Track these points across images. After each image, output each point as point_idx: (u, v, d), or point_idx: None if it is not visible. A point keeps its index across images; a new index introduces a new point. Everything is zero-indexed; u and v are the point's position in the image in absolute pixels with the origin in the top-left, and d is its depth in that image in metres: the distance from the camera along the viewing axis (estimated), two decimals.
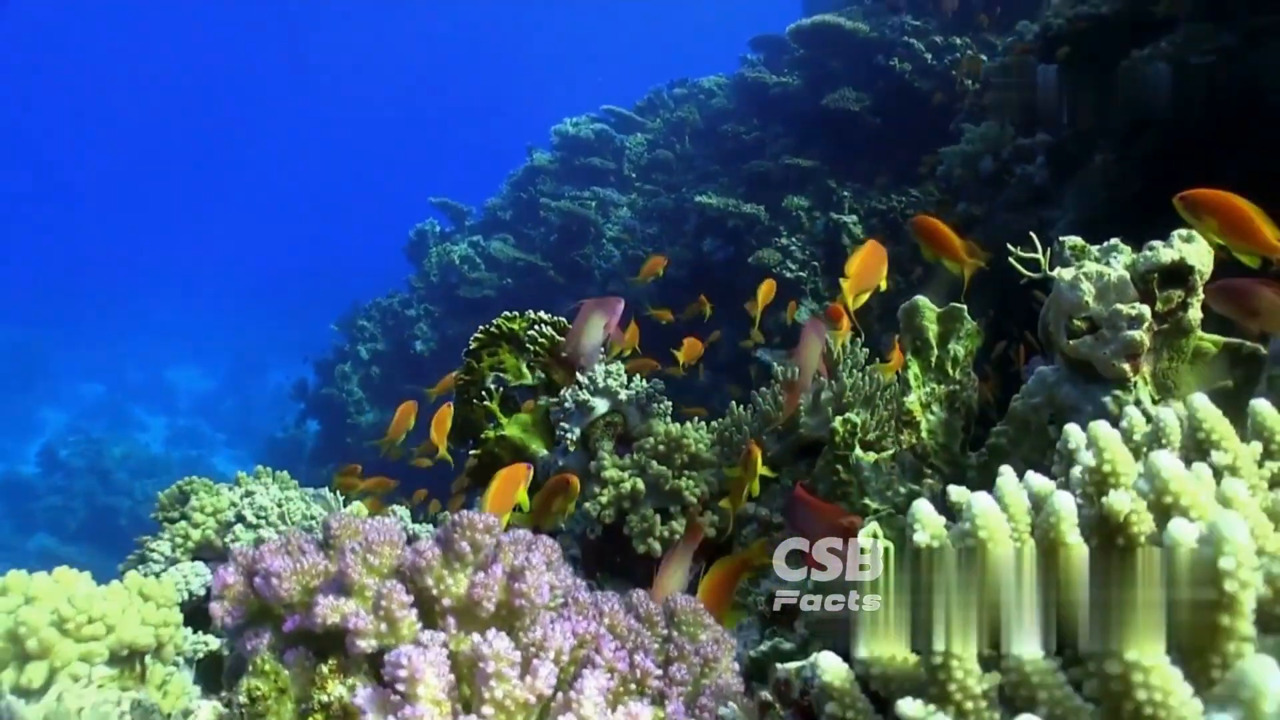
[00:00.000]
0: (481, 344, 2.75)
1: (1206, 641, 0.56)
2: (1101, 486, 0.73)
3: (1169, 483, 0.62)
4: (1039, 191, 5.23)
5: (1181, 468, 0.62)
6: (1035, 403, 1.67)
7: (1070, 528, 0.67)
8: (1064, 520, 0.67)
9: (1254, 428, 0.86)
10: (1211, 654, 0.56)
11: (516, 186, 9.95)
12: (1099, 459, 0.73)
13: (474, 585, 1.09)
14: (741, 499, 2.03)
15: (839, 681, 0.70)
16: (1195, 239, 1.60)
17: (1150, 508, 0.63)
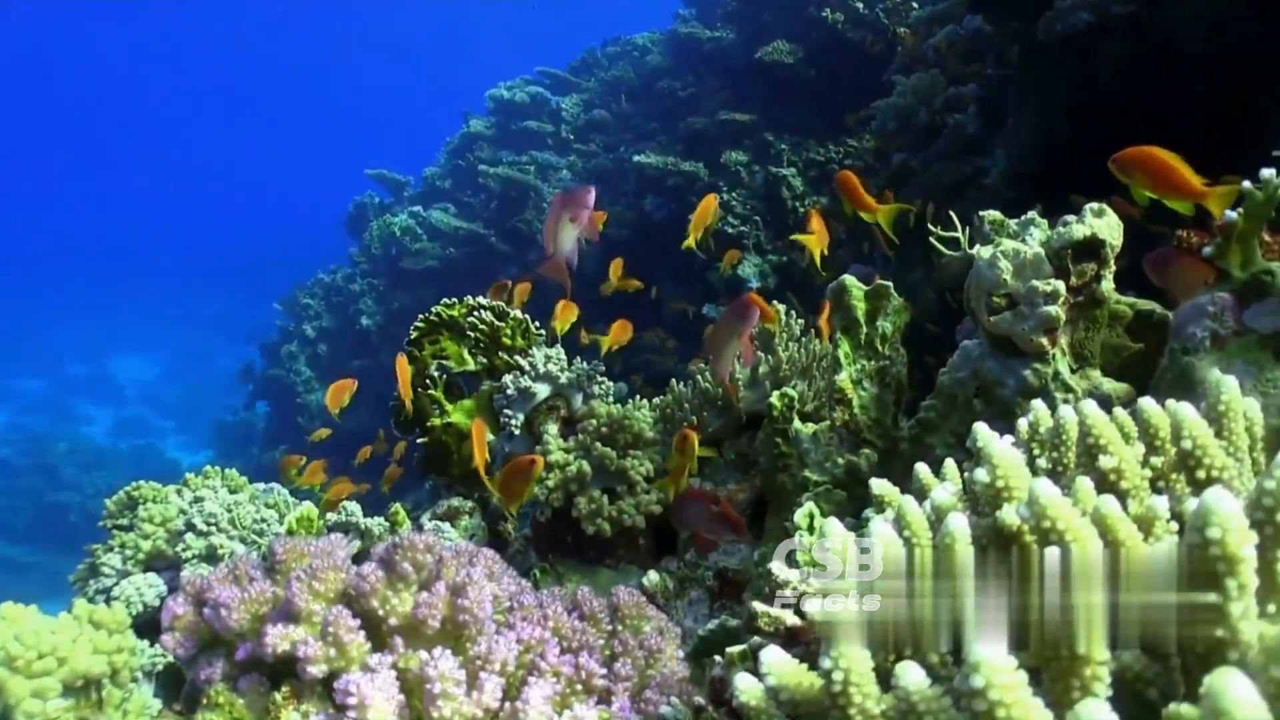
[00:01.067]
0: (422, 332, 2.77)
1: (1068, 667, 0.60)
2: (995, 502, 0.78)
3: (1046, 508, 0.66)
4: (971, 141, 5.29)
5: (1057, 495, 0.66)
6: (960, 377, 1.73)
7: (965, 547, 0.72)
8: (959, 541, 0.72)
9: (1141, 425, 0.91)
10: (1072, 677, 0.60)
11: (454, 154, 9.87)
12: (992, 475, 0.78)
13: (418, 605, 1.12)
14: (682, 482, 2.07)
15: (755, 701, 0.75)
16: (1106, 213, 1.65)
17: (1031, 531, 0.67)
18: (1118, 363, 1.76)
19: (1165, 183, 1.52)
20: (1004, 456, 0.78)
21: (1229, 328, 1.38)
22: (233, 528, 2.20)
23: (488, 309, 2.72)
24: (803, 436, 2.05)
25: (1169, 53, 3.76)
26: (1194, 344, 1.39)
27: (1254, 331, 1.37)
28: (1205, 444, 0.77)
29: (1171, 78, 3.78)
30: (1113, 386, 1.66)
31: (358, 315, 9.36)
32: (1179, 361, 1.39)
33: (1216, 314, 1.39)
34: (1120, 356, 1.78)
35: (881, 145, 6.30)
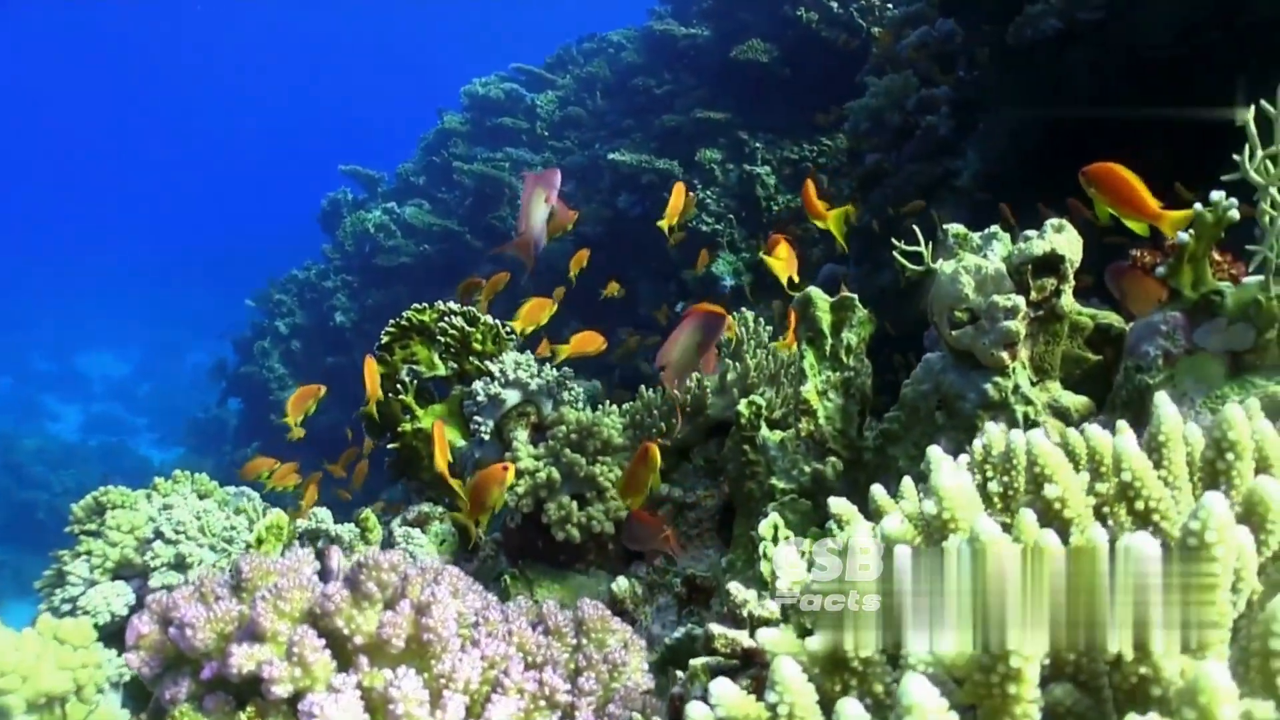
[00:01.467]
0: (393, 337, 2.77)
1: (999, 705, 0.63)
2: (941, 533, 0.80)
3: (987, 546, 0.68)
4: (944, 142, 5.33)
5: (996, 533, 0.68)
6: (923, 389, 1.75)
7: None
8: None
9: (1087, 452, 0.93)
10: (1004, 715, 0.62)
11: (428, 150, 9.84)
12: (938, 508, 0.80)
13: (383, 624, 1.13)
14: (638, 499, 2.09)
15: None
16: (1065, 228, 1.68)
17: None
18: (1078, 374, 1.79)
19: (1125, 202, 1.55)
20: (950, 489, 0.80)
21: (1180, 346, 1.41)
22: (202, 535, 2.20)
23: (459, 314, 2.73)
24: (770, 444, 2.07)
25: (1137, 58, 3.80)
26: (1147, 362, 1.42)
27: (1204, 350, 1.40)
28: (1143, 477, 0.79)
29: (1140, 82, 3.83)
30: (1071, 400, 1.69)
31: (331, 312, 9.33)
32: (1133, 379, 1.42)
33: (1169, 333, 1.42)
34: (1081, 368, 1.81)
35: (854, 145, 6.33)
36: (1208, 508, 0.63)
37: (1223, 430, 0.81)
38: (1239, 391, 1.36)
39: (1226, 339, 1.38)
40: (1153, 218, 1.47)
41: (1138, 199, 1.54)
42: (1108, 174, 1.61)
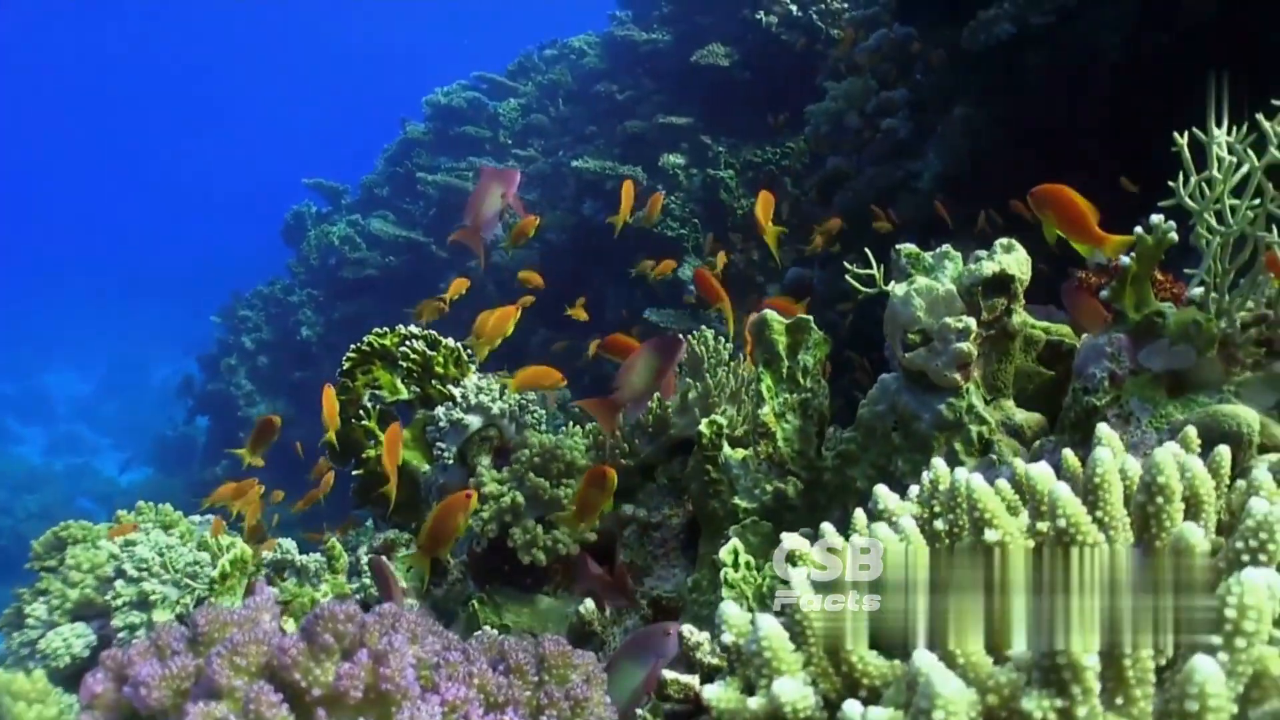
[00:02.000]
0: (355, 363, 2.76)
1: None
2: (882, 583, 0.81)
3: None
4: (903, 145, 5.37)
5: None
6: (879, 410, 1.77)
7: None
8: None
9: (1026, 490, 0.95)
10: None
11: (392, 161, 9.81)
12: (878, 562, 0.81)
13: (339, 676, 1.13)
14: (593, 520, 2.11)
15: None
16: (1015, 248, 1.70)
17: None
18: (1031, 390, 1.81)
19: (1071, 226, 1.56)
20: (891, 541, 0.81)
21: (1125, 367, 1.43)
22: (165, 572, 2.18)
23: (420, 338, 2.73)
24: (732, 463, 2.08)
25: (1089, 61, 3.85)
26: (1094, 384, 1.44)
27: (1148, 370, 1.42)
28: (1078, 523, 0.80)
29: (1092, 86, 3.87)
30: (1024, 417, 1.71)
31: (298, 326, 9.28)
32: (1081, 400, 1.44)
33: (1114, 354, 1.44)
34: (1034, 383, 1.83)
35: (815, 149, 6.37)
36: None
37: (1152, 474, 0.83)
38: (1182, 410, 1.38)
39: (1169, 359, 1.40)
40: (1096, 242, 1.49)
41: (1083, 224, 1.56)
42: (1055, 197, 1.62)
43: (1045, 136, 4.18)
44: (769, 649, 0.75)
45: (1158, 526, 0.83)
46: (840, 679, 0.77)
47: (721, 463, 2.09)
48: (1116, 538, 0.88)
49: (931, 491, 1.09)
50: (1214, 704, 0.58)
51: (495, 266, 8.43)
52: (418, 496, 2.67)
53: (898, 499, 1.06)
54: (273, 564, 2.46)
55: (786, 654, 0.76)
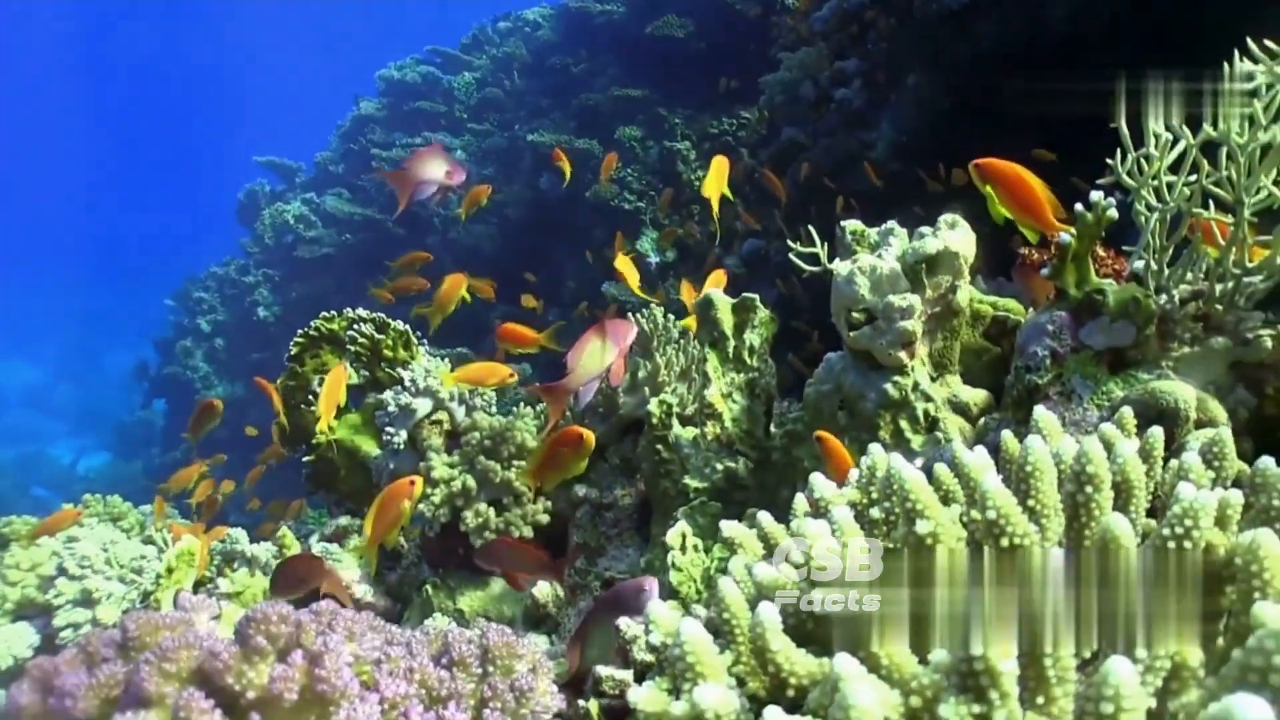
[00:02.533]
0: (302, 348, 2.73)
1: None
2: (810, 581, 0.80)
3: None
4: (857, 115, 5.35)
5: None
6: (825, 389, 1.76)
7: (775, 636, 0.74)
8: (769, 630, 0.74)
9: (961, 478, 0.94)
10: None
11: (346, 138, 9.67)
12: (805, 560, 0.79)
13: (273, 679, 1.11)
14: (557, 479, 2.05)
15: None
16: (959, 224, 1.69)
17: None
18: (978, 366, 1.81)
19: (1022, 206, 1.50)
20: (814, 538, 0.80)
21: (1067, 345, 1.43)
22: (109, 567, 2.15)
23: (368, 321, 2.69)
24: (683, 442, 2.07)
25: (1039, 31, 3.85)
26: (1035, 362, 1.43)
27: (1089, 348, 1.41)
28: (1008, 514, 0.79)
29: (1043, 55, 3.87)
30: (970, 395, 1.70)
31: (254, 307, 9.16)
32: (1023, 379, 1.44)
33: (1055, 332, 1.43)
34: (981, 359, 1.83)
35: (771, 119, 6.34)
36: None
37: (1082, 464, 0.82)
38: (1123, 386, 1.38)
39: (1110, 336, 1.40)
40: (1048, 228, 1.45)
41: (1038, 208, 1.50)
42: (1008, 174, 1.56)
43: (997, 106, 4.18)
44: (692, 654, 0.74)
45: (1087, 515, 0.82)
46: (768, 679, 0.76)
47: (672, 442, 2.08)
48: (1048, 526, 0.87)
49: (869, 477, 1.08)
50: (1128, 705, 0.57)
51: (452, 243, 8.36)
52: (369, 482, 2.64)
53: (834, 487, 1.05)
54: (223, 554, 2.42)
55: (709, 659, 0.74)
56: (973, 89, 4.38)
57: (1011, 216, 1.56)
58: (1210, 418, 1.33)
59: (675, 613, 0.88)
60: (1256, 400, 1.36)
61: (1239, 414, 1.36)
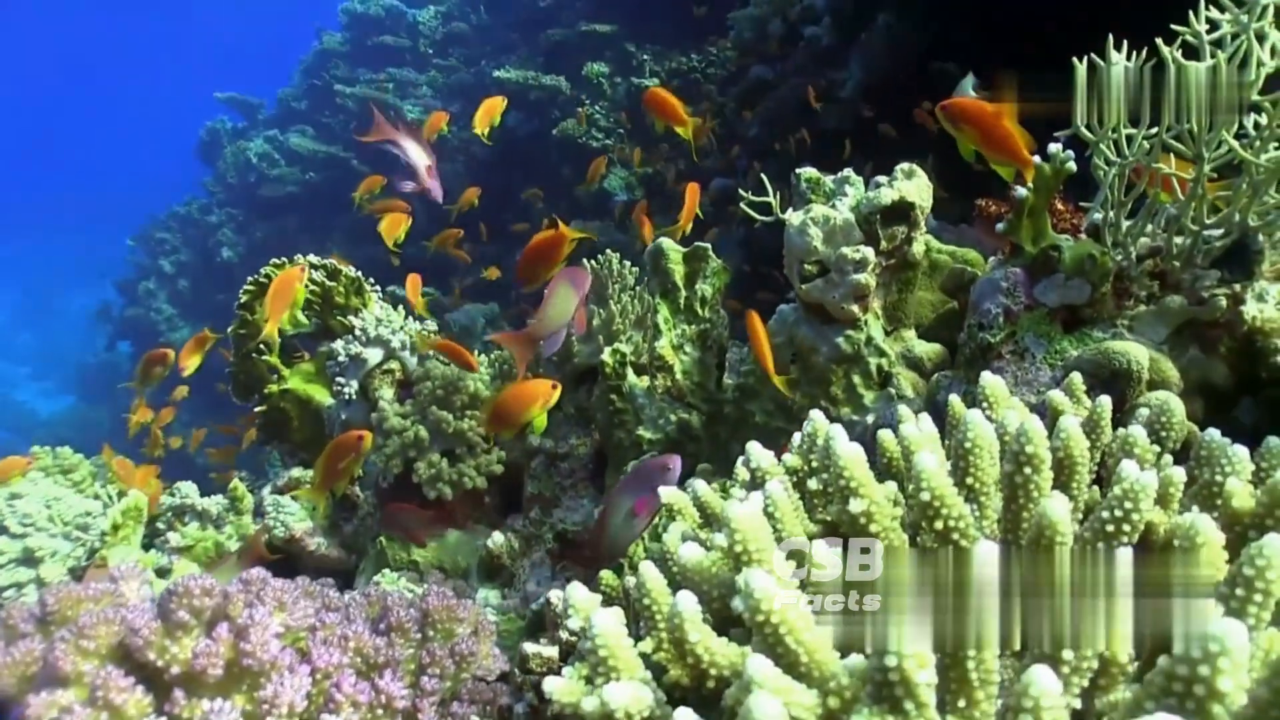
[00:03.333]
0: (252, 295, 2.66)
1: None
2: (737, 562, 0.76)
3: (759, 603, 0.64)
4: (826, 53, 5.26)
5: (769, 589, 0.65)
6: (777, 343, 1.72)
7: (693, 628, 0.71)
8: (687, 621, 0.70)
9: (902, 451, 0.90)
10: None
11: (309, 73, 9.46)
12: (730, 540, 0.76)
13: (197, 655, 1.08)
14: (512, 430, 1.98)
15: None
16: (916, 174, 1.65)
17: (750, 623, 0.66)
18: (935, 319, 1.78)
19: (995, 145, 1.43)
20: (742, 520, 0.76)
21: (1020, 303, 1.39)
22: (53, 525, 2.10)
23: (319, 268, 2.63)
24: (637, 392, 2.03)
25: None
26: (989, 320, 1.39)
27: (1043, 305, 1.38)
28: (943, 496, 0.76)
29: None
30: (924, 349, 1.67)
31: (218, 248, 9.01)
32: (976, 336, 1.40)
33: (1009, 290, 1.40)
34: (937, 312, 1.79)
35: (740, 56, 6.25)
36: None
37: (1021, 444, 0.78)
38: (1076, 345, 1.35)
39: (1064, 294, 1.36)
40: (1023, 164, 1.39)
41: (1010, 143, 1.43)
42: (979, 113, 1.49)
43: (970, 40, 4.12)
44: (604, 648, 0.70)
45: (1025, 497, 0.79)
46: (688, 668, 0.72)
47: (626, 392, 2.04)
48: (986, 505, 0.84)
49: (810, 444, 1.05)
50: (1048, 718, 0.54)
51: None
52: (322, 431, 2.59)
53: (771, 457, 1.01)
54: (173, 509, 2.38)
55: (622, 653, 0.71)
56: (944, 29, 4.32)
57: (984, 154, 1.48)
58: (1163, 378, 1.30)
59: (594, 597, 0.85)
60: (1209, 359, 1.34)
61: (1191, 373, 1.34)
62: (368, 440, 2.02)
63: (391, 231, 3.05)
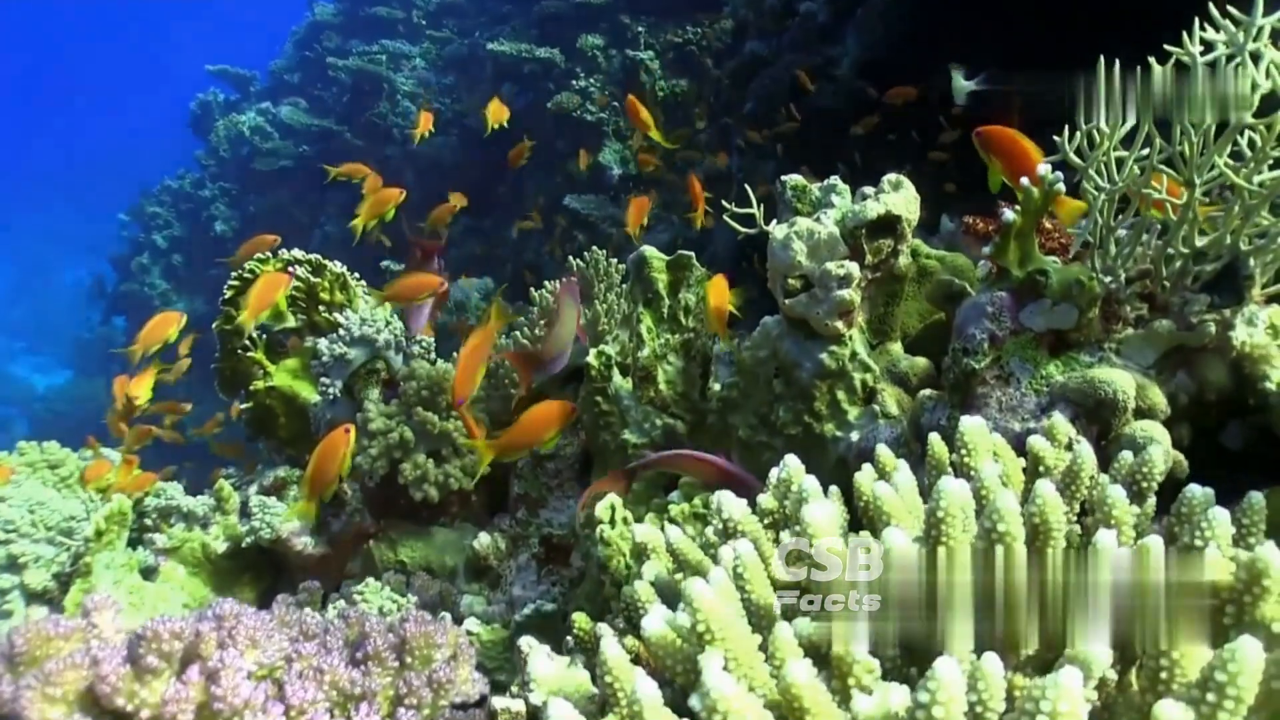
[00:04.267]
0: (236, 290, 2.63)
1: None
2: (698, 645, 0.74)
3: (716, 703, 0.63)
4: (822, 30, 5.20)
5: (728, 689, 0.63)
6: (761, 355, 1.69)
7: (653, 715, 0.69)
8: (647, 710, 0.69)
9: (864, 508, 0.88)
10: None
11: (301, 45, 9.36)
12: (693, 619, 0.74)
13: (166, 701, 1.06)
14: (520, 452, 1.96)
15: None
16: (903, 186, 1.62)
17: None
18: (920, 330, 1.75)
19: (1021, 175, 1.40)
20: (704, 601, 0.74)
21: (1006, 328, 1.36)
22: (36, 530, 2.09)
23: (303, 263, 2.60)
24: (623, 394, 2.01)
25: None
26: (973, 345, 1.37)
27: (1030, 330, 1.36)
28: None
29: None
30: (909, 364, 1.65)
31: (211, 222, 8.95)
32: (960, 362, 1.38)
33: (995, 314, 1.37)
34: (924, 320, 1.77)
35: (736, 30, 6.19)
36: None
37: (993, 521, 0.76)
38: (1062, 369, 1.33)
39: (1050, 319, 1.34)
40: (1055, 201, 1.36)
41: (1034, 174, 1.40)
42: (1009, 144, 1.46)
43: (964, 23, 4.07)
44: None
45: None
46: None
47: (612, 393, 2.02)
48: None
49: (785, 489, 1.03)
50: None
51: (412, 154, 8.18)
52: (308, 428, 2.58)
53: (744, 509, 0.99)
54: (159, 510, 2.37)
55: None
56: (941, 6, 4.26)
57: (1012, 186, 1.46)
58: (1150, 405, 1.28)
59: (554, 669, 0.84)
60: (1196, 386, 1.31)
61: (1179, 399, 1.32)
62: (352, 435, 1.98)
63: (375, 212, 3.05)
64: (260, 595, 2.44)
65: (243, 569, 2.41)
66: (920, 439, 1.46)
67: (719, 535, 0.99)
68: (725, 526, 0.98)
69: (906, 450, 1.45)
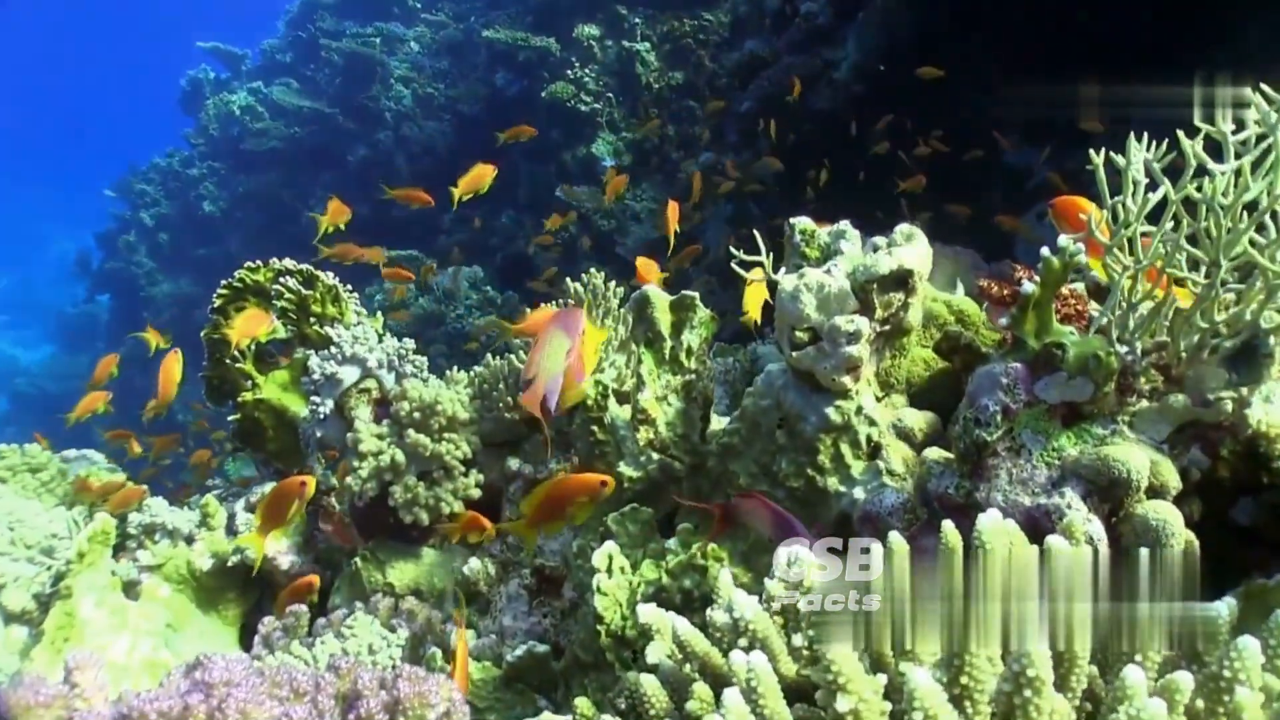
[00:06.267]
0: (226, 299, 2.58)
1: None
2: None
3: None
4: (822, 32, 5.17)
5: None
6: (764, 405, 1.66)
7: None
8: None
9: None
10: None
11: (294, 25, 9.27)
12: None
13: None
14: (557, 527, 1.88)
15: None
16: (915, 238, 1.58)
17: None
18: (926, 380, 1.72)
19: (1090, 244, 1.38)
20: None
21: (1020, 400, 1.33)
22: (15, 549, 2.04)
23: (295, 274, 2.55)
24: (619, 424, 1.97)
25: None
26: (986, 416, 1.34)
27: (1043, 402, 1.33)
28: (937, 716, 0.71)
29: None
30: (915, 419, 1.61)
31: (199, 201, 8.87)
32: (972, 432, 1.35)
33: (1009, 386, 1.34)
34: (931, 370, 1.74)
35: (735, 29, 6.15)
36: None
37: (1022, 664, 0.73)
38: (1074, 441, 1.30)
39: (1065, 392, 1.31)
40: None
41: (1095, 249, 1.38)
42: (1080, 215, 1.44)
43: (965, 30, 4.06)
44: None
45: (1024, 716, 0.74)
46: None
47: (608, 423, 1.98)
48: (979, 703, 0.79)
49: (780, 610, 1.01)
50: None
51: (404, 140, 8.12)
52: (298, 441, 2.54)
53: (755, 605, 0.96)
54: (143, 527, 2.33)
55: None
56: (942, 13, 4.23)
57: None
58: (1162, 483, 1.25)
59: None
60: (1210, 462, 1.29)
61: (1191, 475, 1.29)
62: (311, 485, 1.91)
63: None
64: (245, 613, 2.41)
65: (228, 586, 2.37)
66: (926, 504, 1.44)
67: (729, 632, 0.97)
68: (737, 625, 0.95)
69: (913, 516, 1.43)
